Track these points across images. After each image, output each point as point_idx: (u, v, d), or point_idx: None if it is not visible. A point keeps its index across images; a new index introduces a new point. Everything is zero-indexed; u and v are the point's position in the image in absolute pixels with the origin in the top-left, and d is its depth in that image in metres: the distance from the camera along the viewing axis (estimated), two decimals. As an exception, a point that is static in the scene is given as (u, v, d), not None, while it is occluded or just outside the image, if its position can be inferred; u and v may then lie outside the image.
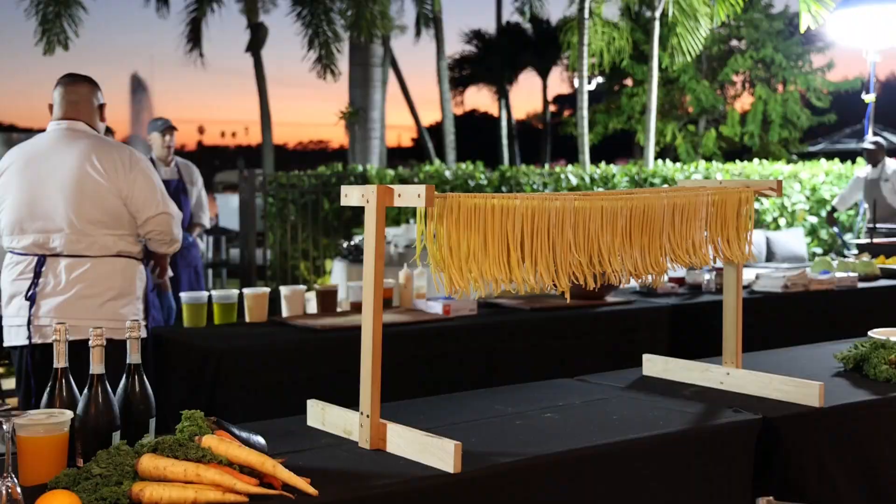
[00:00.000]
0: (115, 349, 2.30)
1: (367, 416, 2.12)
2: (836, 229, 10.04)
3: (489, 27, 31.00)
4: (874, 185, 8.73)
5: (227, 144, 50.56)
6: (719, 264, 2.78)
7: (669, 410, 2.49)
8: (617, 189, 10.42)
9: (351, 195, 2.17)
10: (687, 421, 2.40)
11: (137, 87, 27.20)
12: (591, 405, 2.55)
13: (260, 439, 1.98)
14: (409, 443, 2.06)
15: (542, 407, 2.51)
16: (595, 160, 12.87)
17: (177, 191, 5.55)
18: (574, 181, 10.45)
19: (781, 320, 4.88)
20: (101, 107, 3.65)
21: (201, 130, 45.53)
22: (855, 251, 7.54)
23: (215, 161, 32.72)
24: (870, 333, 3.40)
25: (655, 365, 2.96)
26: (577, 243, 2.26)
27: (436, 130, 31.73)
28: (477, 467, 1.98)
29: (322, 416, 2.30)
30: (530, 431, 2.27)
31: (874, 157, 8.88)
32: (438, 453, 1.98)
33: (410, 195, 2.05)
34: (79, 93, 3.56)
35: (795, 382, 2.61)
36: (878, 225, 8.43)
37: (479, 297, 4.22)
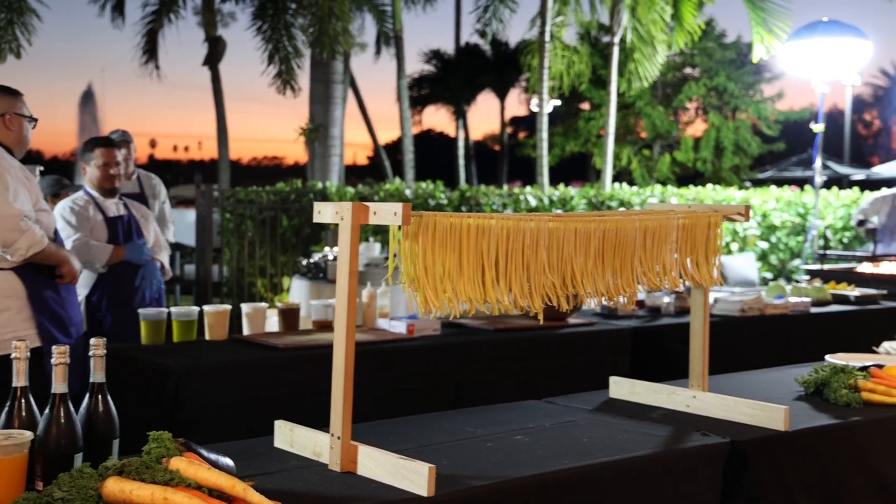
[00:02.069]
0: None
1: (338, 438, 2.08)
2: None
3: (448, 47, 31.15)
4: None
5: (180, 159, 49.99)
6: (680, 287, 2.79)
7: (638, 433, 2.49)
8: (575, 211, 10.49)
9: (324, 212, 2.15)
10: (656, 444, 2.40)
11: (88, 99, 26.83)
12: (561, 428, 2.54)
13: (229, 461, 1.94)
14: (380, 465, 2.03)
15: (511, 429, 2.49)
16: (551, 182, 12.96)
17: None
18: (533, 202, 10.50)
19: (738, 344, 4.93)
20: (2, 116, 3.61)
21: (153, 144, 44.91)
22: (806, 277, 7.66)
23: (167, 175, 32.37)
24: (827, 358, 3.45)
25: (622, 387, 2.96)
26: (550, 264, 2.26)
27: (392, 149, 31.76)
28: (450, 490, 1.96)
29: (290, 437, 2.26)
30: (502, 454, 2.25)
31: None
32: (411, 476, 1.95)
33: (386, 213, 2.03)
34: None
35: (761, 406, 2.63)
36: (828, 252, 8.59)
37: (442, 317, 4.20)
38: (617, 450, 2.32)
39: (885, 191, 9.15)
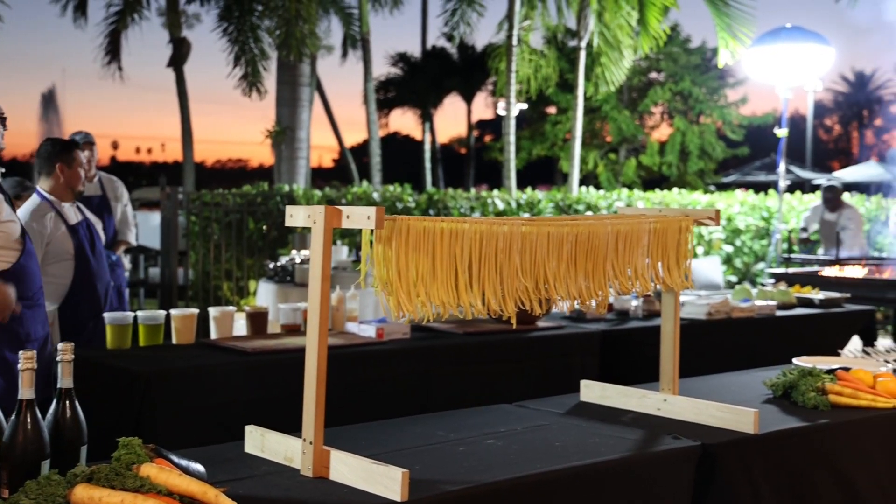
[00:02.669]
0: None
1: (311, 443, 2.07)
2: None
3: (415, 50, 31.16)
4: (832, 226, 9.01)
5: (143, 161, 49.42)
6: (650, 291, 2.81)
7: (610, 437, 2.50)
8: (543, 214, 10.53)
9: (296, 216, 2.13)
10: (628, 448, 2.41)
11: (49, 100, 26.48)
12: (533, 431, 2.54)
13: (200, 467, 1.92)
14: (353, 470, 2.01)
15: (484, 433, 2.49)
16: (518, 186, 12.99)
17: (100, 207, 5.37)
18: (501, 206, 10.52)
19: (705, 347, 4.96)
20: None
21: (115, 146, 44.39)
22: (771, 280, 7.75)
23: (130, 177, 32.03)
24: (794, 361, 3.48)
25: (593, 391, 2.97)
26: (523, 268, 2.26)
27: (358, 151, 31.69)
28: (424, 495, 1.95)
29: (261, 442, 2.24)
30: (474, 458, 2.25)
31: (832, 204, 9.15)
32: (384, 481, 1.94)
33: (359, 217, 2.02)
34: None
35: (731, 409, 2.65)
36: (792, 255, 8.70)
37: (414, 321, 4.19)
38: (589, 454, 2.32)
39: (813, 203, 9.49)
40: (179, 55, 17.12)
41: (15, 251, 3.37)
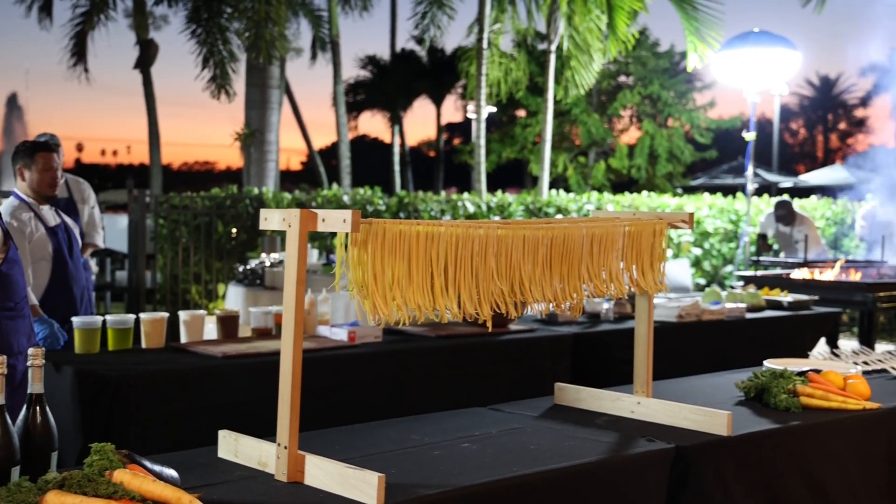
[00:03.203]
0: None
1: (285, 448, 2.05)
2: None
3: (384, 53, 31.10)
4: (788, 238, 9.14)
5: (108, 163, 48.86)
6: (625, 294, 2.81)
7: (585, 440, 2.50)
8: (513, 217, 10.54)
9: (271, 219, 2.11)
10: (603, 450, 2.41)
11: (13, 103, 26.13)
12: (508, 435, 2.53)
13: (173, 473, 1.89)
14: (328, 475, 2.00)
15: (458, 437, 2.48)
16: (488, 189, 13.01)
17: (66, 209, 5.30)
18: (471, 209, 10.52)
19: (676, 349, 4.99)
20: None
21: (80, 148, 43.84)
22: (740, 283, 7.81)
23: (95, 179, 31.66)
24: (766, 363, 3.51)
25: (567, 393, 2.97)
26: (499, 271, 2.25)
27: (326, 154, 31.55)
28: (400, 500, 1.94)
29: (235, 447, 2.21)
30: (450, 462, 2.24)
31: (786, 220, 9.25)
32: (360, 486, 1.93)
33: (335, 220, 2.01)
34: None
35: (704, 412, 2.66)
36: (761, 258, 8.79)
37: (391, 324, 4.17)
38: (564, 457, 2.32)
39: (767, 210, 9.66)
40: (146, 57, 16.98)
41: None
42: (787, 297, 5.96)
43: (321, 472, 2.02)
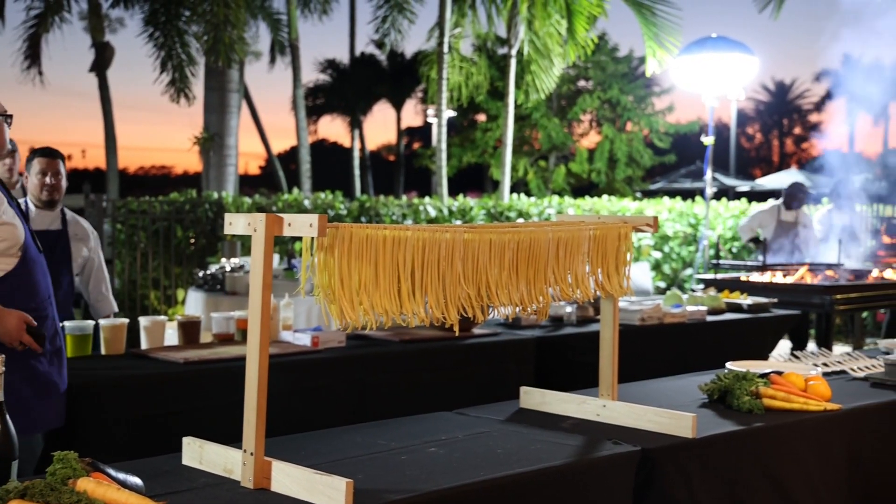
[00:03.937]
0: None
1: (251, 454, 2.03)
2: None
3: (344, 57, 31.00)
4: (789, 226, 8.95)
5: (65, 167, 48.11)
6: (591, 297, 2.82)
7: (551, 443, 2.50)
8: (475, 222, 10.56)
9: (236, 223, 2.09)
10: (569, 454, 2.42)
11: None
12: (474, 439, 2.53)
13: (137, 480, 1.86)
14: (295, 481, 1.98)
15: (425, 441, 2.47)
16: (449, 193, 13.03)
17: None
18: (433, 213, 10.52)
19: (638, 352, 5.02)
20: None
21: (33, 152, 43.00)
22: (700, 286, 7.89)
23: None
24: (728, 365, 3.54)
25: (532, 397, 2.97)
26: (466, 276, 2.25)
27: (285, 158, 31.39)
28: (368, 506, 1.92)
29: (199, 454, 2.18)
30: (417, 466, 2.23)
31: (801, 202, 9.03)
32: (328, 491, 1.91)
33: (301, 224, 1.99)
34: None
35: (669, 414, 2.68)
36: (720, 261, 8.87)
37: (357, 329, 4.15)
38: (531, 460, 2.32)
39: (768, 204, 9.52)
40: (102, 60, 16.77)
41: (12, 258, 3.00)
42: (746, 300, 6.02)
43: (288, 478, 2.00)
